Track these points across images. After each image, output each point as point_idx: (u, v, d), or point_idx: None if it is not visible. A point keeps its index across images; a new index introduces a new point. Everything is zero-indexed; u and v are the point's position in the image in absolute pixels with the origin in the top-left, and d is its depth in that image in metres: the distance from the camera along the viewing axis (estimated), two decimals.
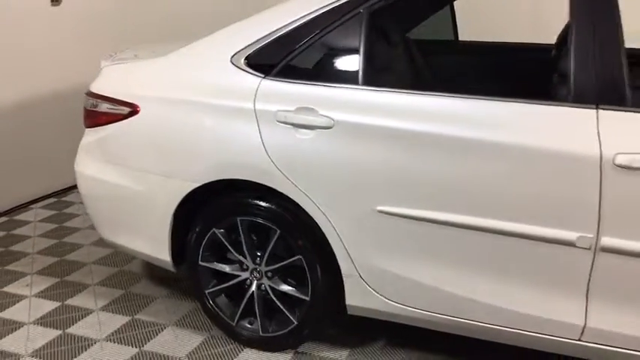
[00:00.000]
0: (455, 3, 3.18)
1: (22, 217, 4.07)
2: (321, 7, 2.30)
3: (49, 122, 4.28)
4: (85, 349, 2.57)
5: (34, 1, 4.18)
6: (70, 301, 2.98)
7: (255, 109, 2.29)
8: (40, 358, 2.53)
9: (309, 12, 2.32)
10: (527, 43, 3.06)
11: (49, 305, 2.95)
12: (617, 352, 2.06)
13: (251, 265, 2.52)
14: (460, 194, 2.06)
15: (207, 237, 2.52)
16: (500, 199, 2.02)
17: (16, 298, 3.00)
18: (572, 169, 1.91)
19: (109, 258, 3.40)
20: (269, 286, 2.51)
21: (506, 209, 2.01)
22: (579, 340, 2.09)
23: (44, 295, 3.04)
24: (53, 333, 2.72)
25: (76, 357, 2.54)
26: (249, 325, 2.59)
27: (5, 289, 3.10)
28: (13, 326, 2.76)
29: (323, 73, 2.28)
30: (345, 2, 2.27)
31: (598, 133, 1.90)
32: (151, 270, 3.21)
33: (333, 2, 2.29)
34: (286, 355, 2.56)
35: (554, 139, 1.93)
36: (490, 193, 2.03)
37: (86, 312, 2.87)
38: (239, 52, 2.40)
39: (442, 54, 2.77)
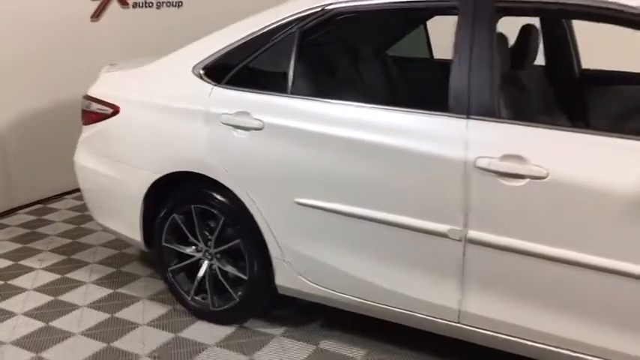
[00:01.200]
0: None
1: (55, 205, 4.71)
2: (264, 27, 2.75)
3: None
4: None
5: (76, 16, 4.80)
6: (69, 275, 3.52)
7: (205, 112, 2.76)
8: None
9: (254, 30, 2.78)
10: (437, 59, 3.41)
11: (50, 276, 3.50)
12: (491, 335, 2.35)
13: (203, 247, 2.97)
14: (360, 189, 2.44)
15: (168, 221, 2.99)
16: (389, 194, 2.38)
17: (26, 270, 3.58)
18: (444, 170, 2.25)
19: (114, 242, 3.92)
20: (217, 266, 2.95)
21: (394, 203, 2.38)
22: (458, 322, 2.41)
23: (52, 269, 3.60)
24: (45, 299, 3.25)
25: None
26: (202, 300, 3.03)
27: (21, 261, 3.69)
28: (14, 291, 3.33)
29: (260, 82, 2.72)
30: (282, 24, 2.70)
31: (464, 138, 2.24)
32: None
33: (272, 23, 2.73)
34: (232, 328, 2.97)
35: (433, 143, 2.28)
36: (382, 190, 2.40)
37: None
38: (198, 63, 2.87)
39: (364, 66, 3.14)
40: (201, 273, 2.97)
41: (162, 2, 5.40)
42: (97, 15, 5.04)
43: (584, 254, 2.07)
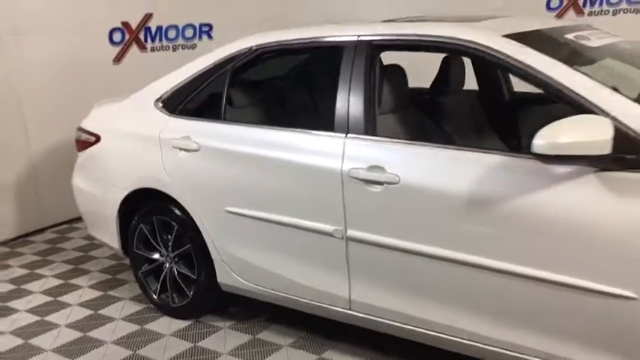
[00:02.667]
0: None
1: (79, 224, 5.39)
2: (206, 66, 3.36)
3: None
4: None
5: (101, 59, 5.58)
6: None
7: (161, 138, 3.40)
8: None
9: (200, 69, 3.39)
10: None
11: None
12: (378, 321, 2.83)
13: (165, 253, 3.58)
14: (270, 198, 2.98)
15: (137, 231, 3.62)
16: (290, 201, 2.90)
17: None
18: (328, 180, 2.74)
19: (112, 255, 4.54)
20: (175, 268, 3.55)
21: (294, 208, 2.88)
22: (350, 309, 2.89)
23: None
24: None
25: None
26: (165, 298, 3.62)
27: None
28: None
29: (200, 111, 3.32)
30: (219, 63, 3.32)
31: (342, 151, 2.76)
32: None
33: (212, 63, 3.34)
34: (189, 322, 3.55)
35: (321, 158, 2.78)
36: (285, 197, 2.92)
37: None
38: (159, 97, 3.51)
39: (281, 95, 3.68)
40: (163, 274, 3.54)
41: (178, 45, 6.13)
42: (118, 59, 5.81)
43: (433, 247, 2.50)
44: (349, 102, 2.74)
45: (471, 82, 3.81)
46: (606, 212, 2.10)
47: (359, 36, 2.81)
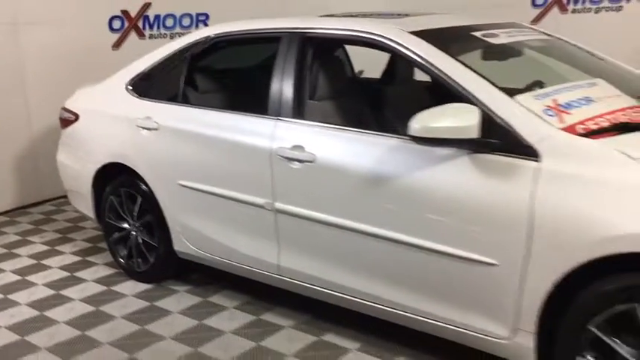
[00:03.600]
0: None
1: None
2: (169, 53, 3.75)
3: None
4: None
5: (100, 45, 6.01)
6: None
7: (127, 117, 3.80)
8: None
9: (163, 55, 3.78)
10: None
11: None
12: (303, 285, 3.19)
13: (131, 222, 4.00)
14: (213, 173, 3.35)
15: (108, 202, 4.04)
16: (230, 176, 3.26)
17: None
18: (258, 157, 3.09)
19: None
20: (140, 237, 3.96)
21: (233, 183, 3.24)
22: (279, 274, 3.27)
23: None
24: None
25: None
26: (131, 263, 4.05)
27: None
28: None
29: (161, 94, 3.71)
30: (179, 50, 3.71)
31: (273, 132, 3.12)
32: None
33: (173, 51, 3.73)
34: (151, 285, 3.96)
35: (256, 137, 3.12)
36: (225, 172, 3.29)
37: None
38: (129, 80, 3.92)
39: (230, 80, 4.03)
40: (130, 242, 3.96)
41: (176, 33, 6.53)
42: (117, 45, 6.24)
43: (341, 219, 2.84)
44: (282, 89, 3.09)
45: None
46: (475, 190, 2.42)
47: (292, 28, 3.15)
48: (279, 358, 2.95)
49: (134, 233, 3.89)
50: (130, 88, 3.82)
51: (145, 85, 3.74)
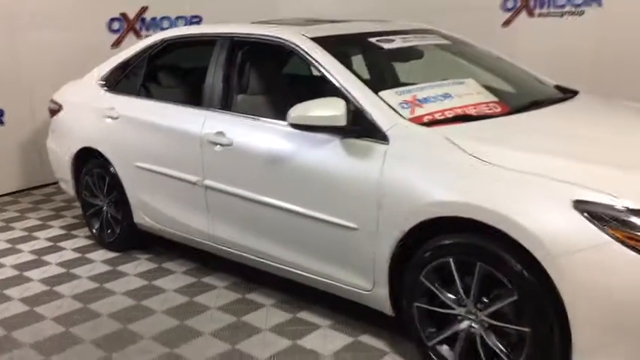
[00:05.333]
0: None
1: None
2: (133, 53, 4.44)
3: None
4: None
5: (101, 44, 6.74)
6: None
7: (98, 108, 4.51)
8: None
9: (128, 55, 4.48)
10: None
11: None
12: (230, 251, 3.83)
13: (102, 199, 4.70)
14: (161, 155, 3.99)
15: (84, 182, 4.76)
16: (173, 157, 3.90)
17: None
18: (192, 141, 3.69)
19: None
20: (109, 212, 4.66)
21: (175, 163, 3.88)
22: (210, 241, 3.92)
23: None
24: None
25: None
26: (103, 235, 4.74)
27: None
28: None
29: (124, 88, 4.40)
30: (140, 51, 4.40)
31: (203, 121, 3.78)
32: None
33: (136, 51, 4.41)
34: (118, 254, 4.66)
35: (192, 125, 3.73)
36: (169, 154, 3.95)
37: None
38: (102, 75, 4.63)
39: (179, 78, 4.68)
40: (103, 215, 4.67)
41: None
42: (116, 44, 6.97)
43: (251, 193, 3.44)
44: (213, 84, 3.73)
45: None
46: (343, 168, 3.01)
47: (224, 33, 3.80)
48: (256, 331, 3.37)
49: (105, 209, 4.57)
50: (102, 82, 4.51)
51: (113, 80, 4.42)
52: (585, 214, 2.28)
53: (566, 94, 3.64)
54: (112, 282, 4.05)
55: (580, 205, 2.29)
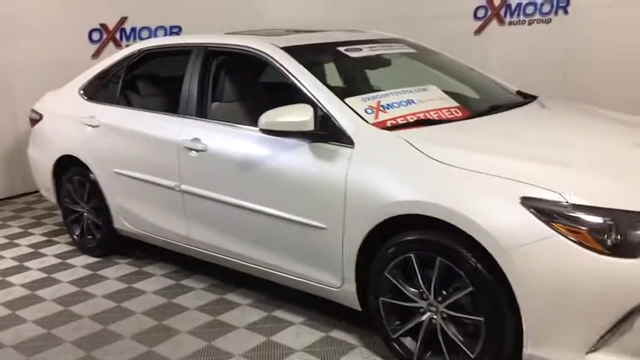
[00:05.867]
0: None
1: None
2: (111, 63, 4.59)
3: None
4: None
5: (81, 55, 6.81)
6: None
7: (78, 117, 4.65)
8: None
9: (106, 65, 4.63)
10: None
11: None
12: (206, 253, 3.99)
13: (83, 205, 4.84)
14: (139, 161, 4.15)
15: (64, 189, 4.89)
16: (150, 164, 4.06)
17: None
18: (169, 147, 3.84)
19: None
20: (90, 218, 4.80)
21: (153, 169, 4.01)
22: (188, 245, 4.08)
23: None
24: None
25: None
26: (84, 240, 4.87)
27: None
28: None
29: (103, 97, 4.54)
30: (118, 61, 4.55)
31: (179, 128, 3.94)
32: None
33: (115, 61, 4.57)
34: (99, 259, 4.80)
35: (168, 132, 3.88)
36: (148, 161, 4.11)
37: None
38: (81, 86, 4.78)
39: (157, 86, 4.84)
40: (83, 221, 4.80)
41: None
42: (96, 55, 7.11)
43: (226, 196, 3.59)
44: (188, 92, 3.90)
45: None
46: (311, 171, 3.17)
47: (199, 44, 3.96)
48: (232, 329, 3.51)
49: (85, 215, 4.71)
50: (82, 92, 4.66)
51: (92, 89, 4.57)
52: (532, 210, 2.45)
53: (526, 99, 3.80)
54: (92, 285, 4.18)
55: (527, 202, 2.47)
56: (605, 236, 2.38)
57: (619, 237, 2.39)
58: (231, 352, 3.24)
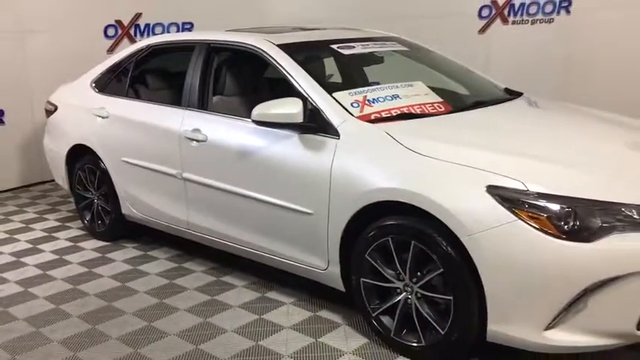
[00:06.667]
0: None
1: None
2: (120, 58, 4.87)
3: None
4: None
5: (97, 50, 7.07)
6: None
7: (90, 108, 4.94)
8: None
9: (116, 60, 4.91)
10: None
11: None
12: (206, 237, 4.26)
13: (93, 192, 5.13)
14: (145, 150, 4.40)
15: (77, 176, 5.19)
16: (154, 153, 4.34)
17: None
18: (172, 137, 4.09)
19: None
20: (99, 204, 5.10)
21: (157, 158, 4.31)
22: (188, 229, 4.36)
23: None
24: None
25: None
26: (94, 225, 5.15)
27: None
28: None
29: (113, 90, 4.82)
30: (127, 56, 4.83)
31: (182, 119, 4.21)
32: None
33: (124, 56, 4.84)
34: (108, 243, 5.09)
35: (168, 121, 4.14)
36: (152, 150, 4.37)
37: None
38: (93, 79, 5.07)
39: (164, 80, 5.11)
40: (94, 207, 5.09)
41: None
42: (111, 50, 7.40)
43: (224, 184, 3.83)
44: (191, 86, 4.16)
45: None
46: (300, 160, 3.40)
47: (202, 40, 4.22)
48: (227, 307, 3.74)
49: (95, 201, 5.00)
50: (93, 85, 4.93)
51: (103, 83, 4.85)
52: (496, 197, 2.67)
53: (512, 95, 4.01)
54: (100, 267, 4.46)
55: (492, 190, 2.69)
56: (563, 222, 2.57)
57: (577, 223, 2.56)
58: (225, 328, 3.48)
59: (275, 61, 3.66)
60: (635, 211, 2.59)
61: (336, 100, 3.37)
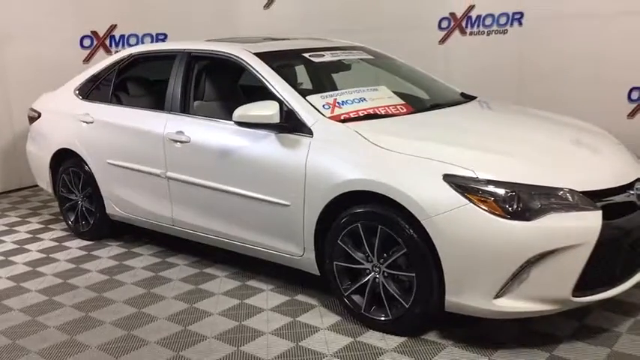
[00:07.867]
0: None
1: None
2: (103, 66, 5.21)
3: None
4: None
5: (73, 60, 7.39)
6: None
7: (74, 114, 5.26)
8: None
9: (99, 68, 5.24)
10: None
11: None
12: (191, 233, 4.60)
13: (77, 194, 5.45)
14: (129, 152, 4.75)
15: (60, 179, 5.50)
16: (138, 154, 4.69)
17: None
18: (156, 140, 4.43)
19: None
20: (84, 205, 5.42)
21: (141, 159, 4.63)
22: (173, 225, 4.71)
23: None
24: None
25: None
26: (78, 226, 5.47)
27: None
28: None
29: (96, 96, 5.15)
30: (110, 64, 5.17)
31: (165, 123, 4.58)
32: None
33: (107, 64, 5.19)
34: (93, 242, 5.41)
35: (152, 125, 4.48)
36: (137, 152, 4.72)
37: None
38: (76, 86, 5.40)
39: (146, 87, 5.48)
40: (78, 209, 5.41)
41: None
42: (87, 59, 7.72)
43: (206, 181, 4.19)
44: (173, 92, 4.53)
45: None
46: (278, 157, 3.78)
47: (182, 49, 4.60)
48: (211, 294, 4.08)
49: (80, 202, 5.32)
50: (77, 92, 5.27)
51: (87, 90, 5.18)
52: (451, 184, 3.11)
53: (466, 98, 4.49)
54: (87, 263, 4.78)
55: (447, 178, 3.13)
56: (508, 205, 3.02)
57: (520, 205, 3.02)
58: (210, 311, 3.85)
59: (253, 68, 4.06)
60: (569, 195, 3.04)
61: (309, 103, 3.77)
